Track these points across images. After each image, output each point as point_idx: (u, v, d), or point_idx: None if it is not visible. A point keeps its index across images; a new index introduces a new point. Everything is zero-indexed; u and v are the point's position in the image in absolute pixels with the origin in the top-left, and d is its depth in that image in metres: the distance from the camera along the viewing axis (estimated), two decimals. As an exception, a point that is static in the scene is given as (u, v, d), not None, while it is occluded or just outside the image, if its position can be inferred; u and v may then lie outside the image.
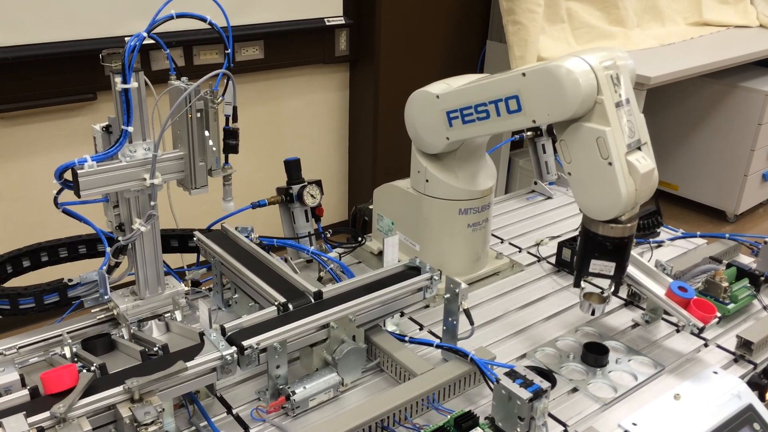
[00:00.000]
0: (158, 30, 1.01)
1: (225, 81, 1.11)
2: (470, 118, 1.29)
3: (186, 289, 1.27)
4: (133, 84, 1.01)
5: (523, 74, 1.18)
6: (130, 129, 1.04)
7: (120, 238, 1.14)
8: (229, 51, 1.08)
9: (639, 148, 1.15)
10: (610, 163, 1.11)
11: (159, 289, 1.20)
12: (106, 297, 1.20)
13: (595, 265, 1.19)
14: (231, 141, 1.15)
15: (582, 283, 1.22)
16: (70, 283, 1.19)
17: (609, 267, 1.19)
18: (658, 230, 1.71)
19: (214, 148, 1.12)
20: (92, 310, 1.22)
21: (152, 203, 1.11)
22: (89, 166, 1.03)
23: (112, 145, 1.06)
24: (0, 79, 2.42)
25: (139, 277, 1.18)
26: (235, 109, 1.15)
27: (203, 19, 1.05)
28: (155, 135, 1.08)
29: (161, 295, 1.21)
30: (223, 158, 1.16)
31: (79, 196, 1.05)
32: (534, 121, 1.19)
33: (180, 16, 1.02)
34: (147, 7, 2.46)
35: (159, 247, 1.18)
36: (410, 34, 3.25)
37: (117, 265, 1.19)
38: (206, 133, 1.11)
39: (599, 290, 1.23)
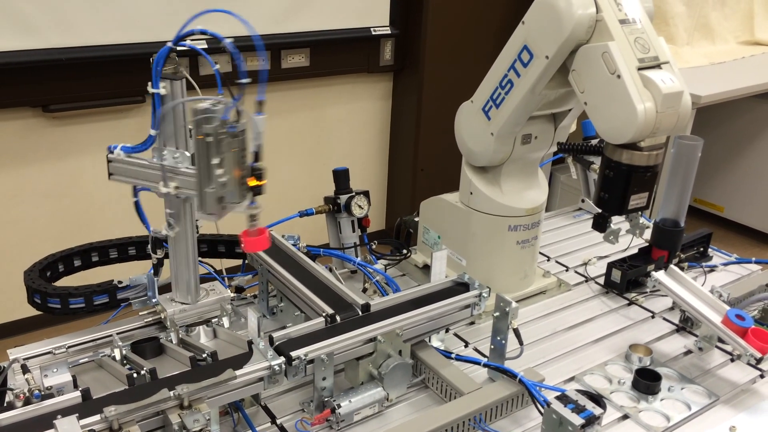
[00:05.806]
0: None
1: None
2: (500, 99, 1.31)
3: (232, 295, 1.27)
4: (160, 90, 1.02)
5: (523, 22, 1.20)
6: (153, 132, 1.04)
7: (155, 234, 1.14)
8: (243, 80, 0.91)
9: (659, 66, 1.11)
10: (618, 76, 1.09)
11: (188, 297, 1.17)
12: (153, 300, 1.21)
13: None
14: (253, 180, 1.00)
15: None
16: (119, 285, 1.21)
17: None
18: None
19: (222, 180, 0.99)
20: (140, 313, 1.23)
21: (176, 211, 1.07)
22: (117, 154, 1.08)
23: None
24: (52, 80, 2.47)
25: (173, 279, 1.18)
26: (259, 146, 0.99)
27: (219, 39, 0.96)
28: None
29: (208, 301, 1.20)
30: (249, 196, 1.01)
31: (108, 177, 1.09)
32: (547, 57, 1.18)
33: (202, 33, 0.99)
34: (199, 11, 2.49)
35: (193, 254, 1.15)
36: (455, 46, 3.24)
37: (160, 263, 1.19)
38: (214, 160, 0.98)
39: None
